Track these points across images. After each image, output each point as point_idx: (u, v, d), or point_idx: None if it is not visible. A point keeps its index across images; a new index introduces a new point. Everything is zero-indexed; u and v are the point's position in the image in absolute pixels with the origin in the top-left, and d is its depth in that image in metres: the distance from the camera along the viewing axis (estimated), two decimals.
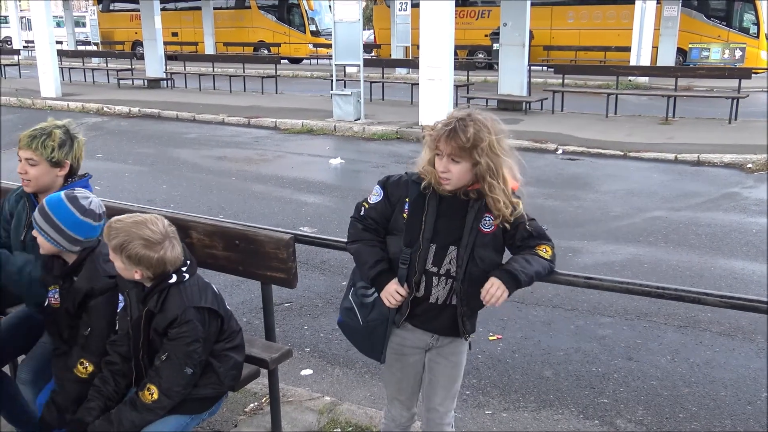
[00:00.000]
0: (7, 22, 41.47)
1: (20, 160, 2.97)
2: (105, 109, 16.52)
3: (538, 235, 2.53)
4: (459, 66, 17.13)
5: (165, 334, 2.56)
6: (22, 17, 38.57)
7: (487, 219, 2.44)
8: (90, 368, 2.73)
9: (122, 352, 2.71)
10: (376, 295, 2.56)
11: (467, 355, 2.75)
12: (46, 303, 2.83)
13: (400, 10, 22.65)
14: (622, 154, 10.98)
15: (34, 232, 2.75)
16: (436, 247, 2.47)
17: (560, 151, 11.32)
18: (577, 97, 16.36)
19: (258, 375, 3.12)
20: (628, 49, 21.49)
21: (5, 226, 3.16)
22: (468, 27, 25.45)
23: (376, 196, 2.56)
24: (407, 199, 2.48)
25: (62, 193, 2.76)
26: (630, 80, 19.10)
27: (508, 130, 2.47)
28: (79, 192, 2.81)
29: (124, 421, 2.53)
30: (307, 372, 4.44)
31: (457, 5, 12.86)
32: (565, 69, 17.35)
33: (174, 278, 2.58)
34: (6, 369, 3.27)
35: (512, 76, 15.20)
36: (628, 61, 21.06)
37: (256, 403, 3.77)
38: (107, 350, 2.74)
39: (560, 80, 16.56)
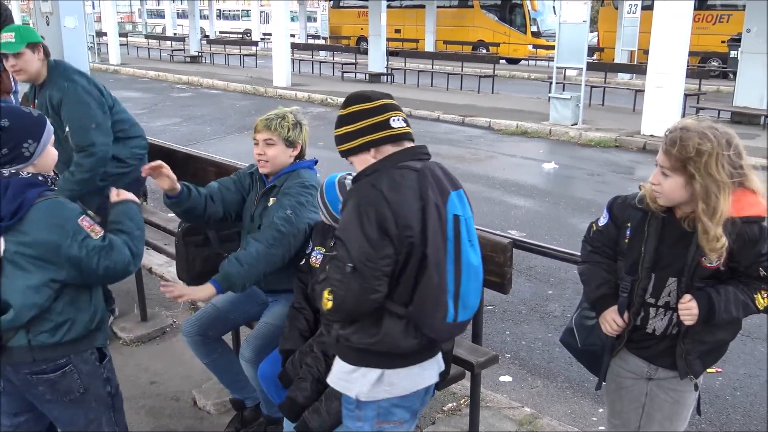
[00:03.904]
0: (248, 16, 45.25)
1: (257, 143, 3.18)
2: (328, 100, 17.41)
3: None
4: (690, 73, 15.95)
5: None
6: (261, 11, 41.92)
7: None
8: None
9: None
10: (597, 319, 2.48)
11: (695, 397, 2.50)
12: (303, 261, 3.04)
13: (628, 13, 21.61)
14: None
15: None
16: (655, 278, 2.32)
17: None
18: None
19: (463, 377, 3.09)
20: None
21: (228, 189, 3.32)
22: (703, 32, 23.61)
23: (603, 218, 2.49)
24: (629, 224, 2.37)
25: (336, 179, 2.93)
26: None
27: (744, 152, 2.20)
28: (348, 178, 3.00)
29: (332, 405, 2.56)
30: (506, 379, 4.36)
31: (693, 9, 11.95)
32: None
33: None
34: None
35: (752, 87, 13.92)
36: None
37: (454, 403, 3.76)
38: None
39: None
